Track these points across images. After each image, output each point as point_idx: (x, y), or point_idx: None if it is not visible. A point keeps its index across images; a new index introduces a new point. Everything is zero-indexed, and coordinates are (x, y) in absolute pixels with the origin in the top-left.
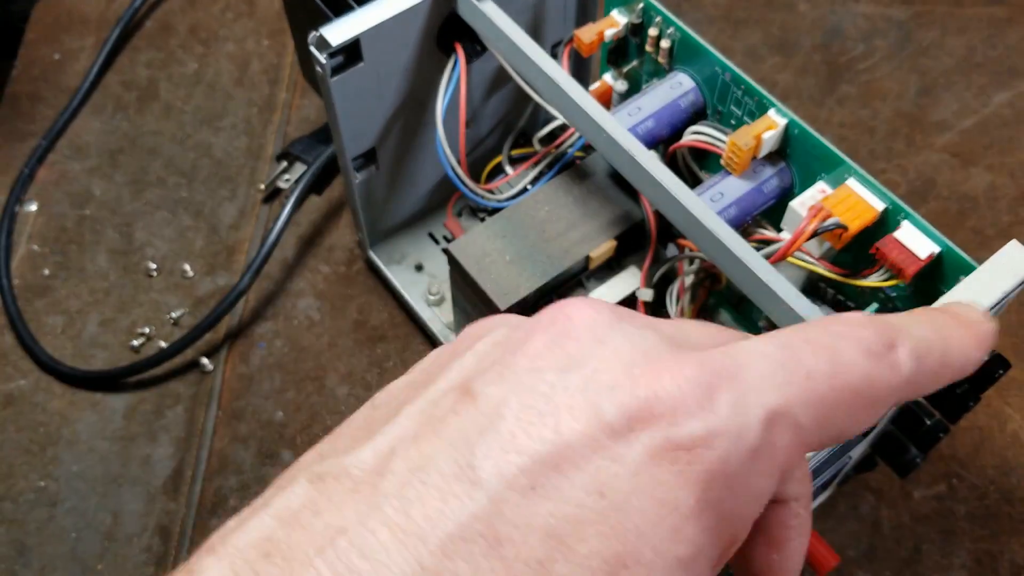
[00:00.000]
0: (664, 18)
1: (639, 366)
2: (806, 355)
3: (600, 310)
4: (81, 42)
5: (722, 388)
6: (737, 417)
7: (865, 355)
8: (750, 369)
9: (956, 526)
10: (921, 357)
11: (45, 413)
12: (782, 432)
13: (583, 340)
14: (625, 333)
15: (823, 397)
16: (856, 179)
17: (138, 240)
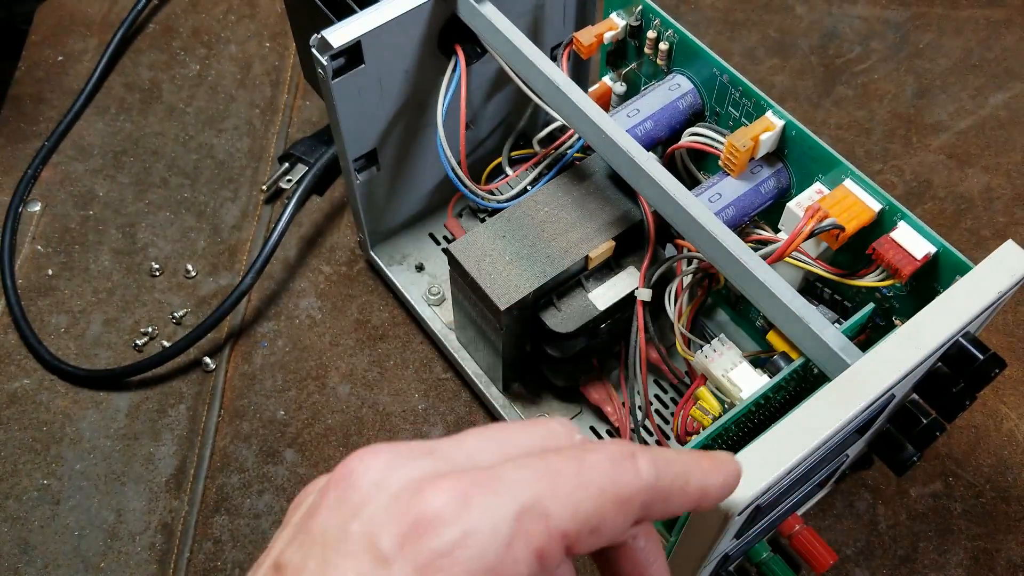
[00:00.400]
0: (663, 20)
1: (408, 493)
2: (556, 460)
3: (379, 455)
4: (84, 44)
5: (477, 494)
6: (490, 516)
7: (608, 459)
8: (504, 474)
9: (952, 524)
10: (660, 469)
11: (49, 412)
12: (533, 521)
13: (363, 488)
14: (400, 470)
15: (570, 492)
16: (853, 180)
17: (141, 240)
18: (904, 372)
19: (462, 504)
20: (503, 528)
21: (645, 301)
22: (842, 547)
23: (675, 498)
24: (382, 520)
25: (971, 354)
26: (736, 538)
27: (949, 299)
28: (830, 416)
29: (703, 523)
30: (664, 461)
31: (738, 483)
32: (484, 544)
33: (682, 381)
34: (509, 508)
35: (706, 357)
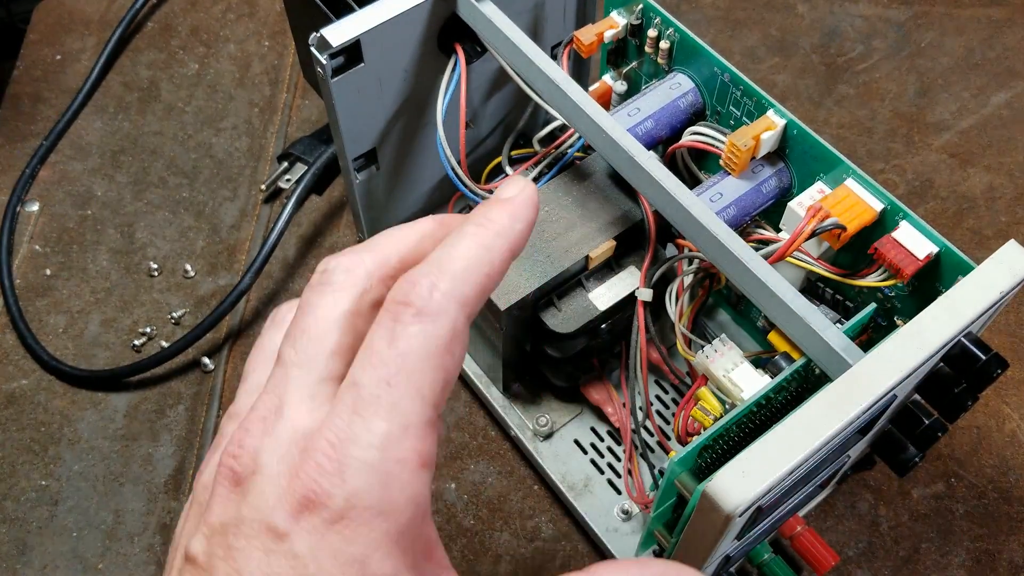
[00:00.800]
0: (663, 19)
1: (287, 474)
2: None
3: (250, 434)
4: (82, 43)
5: (348, 452)
6: (364, 467)
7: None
8: (357, 424)
9: (954, 525)
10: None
11: (47, 412)
12: (402, 438)
13: (245, 475)
14: (273, 450)
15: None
16: (854, 179)
17: (139, 240)
18: (906, 372)
19: (336, 470)
20: (375, 476)
21: (646, 301)
22: (844, 548)
23: (489, 279)
24: (271, 503)
25: (973, 354)
26: (737, 539)
27: (951, 299)
28: (832, 417)
29: (704, 524)
30: (453, 266)
31: (524, 195)
32: (368, 495)
33: (683, 381)
34: (371, 454)
35: (707, 357)
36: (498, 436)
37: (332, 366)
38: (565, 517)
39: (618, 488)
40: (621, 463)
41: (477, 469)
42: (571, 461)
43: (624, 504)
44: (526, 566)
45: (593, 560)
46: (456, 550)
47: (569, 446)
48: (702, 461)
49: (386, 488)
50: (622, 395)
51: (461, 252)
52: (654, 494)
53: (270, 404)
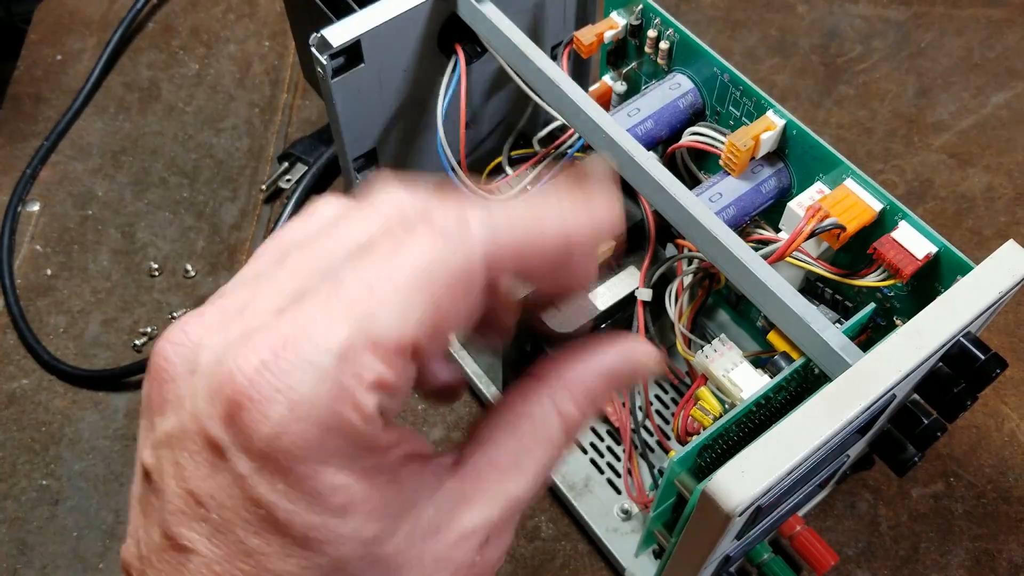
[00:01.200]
0: (663, 19)
1: (218, 373)
2: (368, 269)
3: (187, 330)
4: (83, 43)
5: (286, 356)
6: (308, 377)
7: (429, 239)
8: (313, 319)
9: (954, 524)
10: (499, 223)
11: (47, 412)
12: (358, 357)
13: (180, 378)
14: (207, 347)
15: (391, 302)
16: (854, 179)
17: (140, 240)
18: (905, 372)
19: (274, 375)
20: (325, 385)
21: (645, 301)
22: (843, 548)
23: (532, 248)
24: (205, 410)
25: (972, 354)
26: (737, 539)
27: (950, 299)
28: (831, 416)
29: (704, 524)
30: (504, 213)
31: (614, 217)
32: (310, 410)
33: (683, 381)
34: (325, 359)
35: (707, 357)
36: None
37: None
38: (565, 516)
39: (618, 488)
40: (621, 463)
41: None
42: (571, 460)
43: (624, 504)
44: (526, 565)
45: (593, 560)
46: None
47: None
48: (702, 461)
49: (333, 405)
50: (621, 395)
51: (510, 208)
52: (654, 494)
53: (223, 304)
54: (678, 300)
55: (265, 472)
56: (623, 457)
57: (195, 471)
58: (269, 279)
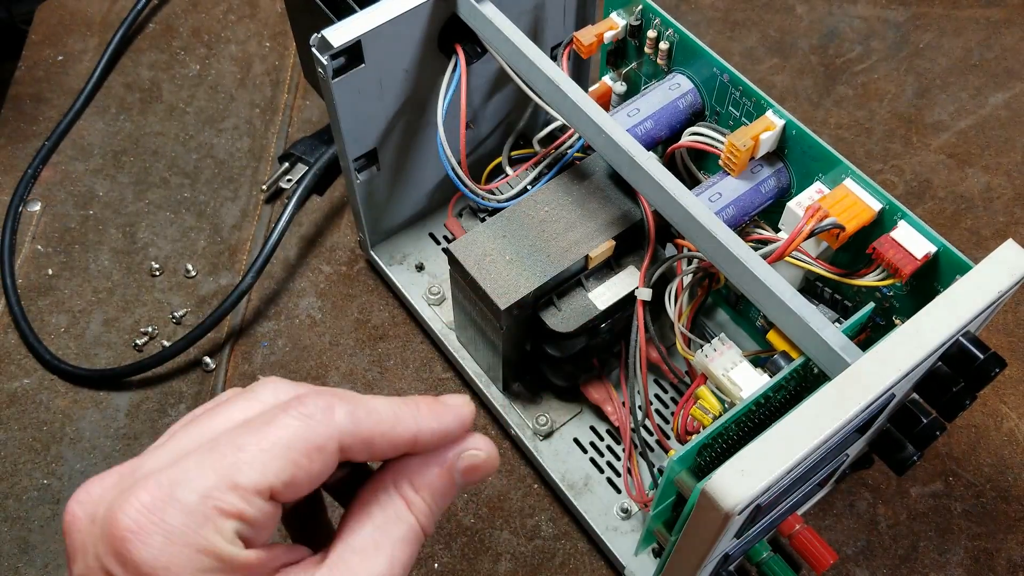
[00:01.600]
0: (663, 20)
1: (107, 521)
2: (242, 434)
3: (90, 489)
4: (84, 44)
5: (161, 498)
6: (178, 513)
7: (298, 417)
8: (187, 469)
9: (953, 523)
10: (359, 418)
11: (49, 411)
12: (222, 495)
13: (83, 528)
14: (103, 502)
15: (254, 458)
16: (853, 179)
17: (141, 240)
18: (904, 371)
19: (152, 513)
20: (193, 518)
21: (645, 301)
22: (842, 547)
23: (379, 441)
24: (102, 549)
25: (971, 353)
26: (736, 537)
27: (949, 299)
28: (830, 415)
29: (703, 522)
30: (366, 411)
31: (465, 427)
32: (182, 536)
33: (682, 380)
34: (192, 498)
35: (706, 356)
36: (498, 435)
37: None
38: (565, 516)
39: (618, 487)
40: (621, 462)
41: None
42: (571, 460)
43: (624, 503)
44: (526, 564)
45: (593, 559)
46: (456, 548)
47: (569, 445)
48: (701, 460)
49: (195, 535)
50: (621, 394)
51: (376, 404)
52: (653, 493)
53: (121, 468)
54: (678, 300)
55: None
56: (623, 456)
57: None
58: (161, 447)
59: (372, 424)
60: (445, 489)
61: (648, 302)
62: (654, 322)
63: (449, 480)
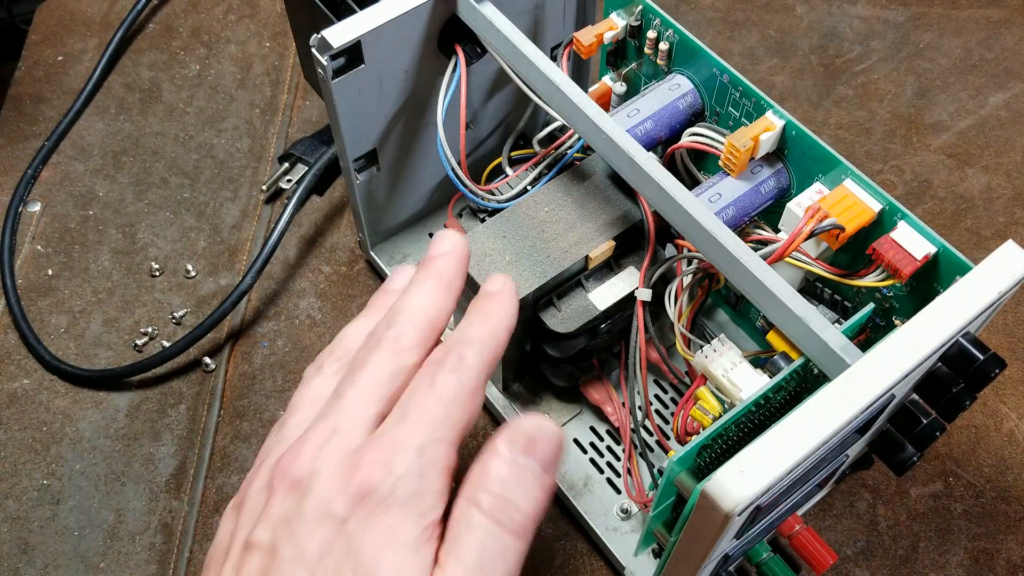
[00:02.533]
0: (662, 20)
1: (345, 472)
2: (419, 400)
3: (302, 451)
4: (84, 44)
5: (393, 454)
6: (405, 465)
7: (450, 373)
8: (401, 434)
9: (952, 524)
10: (477, 348)
11: (49, 412)
12: (432, 450)
13: (303, 477)
14: (325, 459)
15: (441, 418)
16: (853, 180)
17: (141, 240)
18: (904, 372)
19: (385, 466)
20: (414, 467)
21: (645, 301)
22: (842, 547)
23: (499, 350)
24: (329, 497)
25: (971, 354)
26: (736, 538)
27: (949, 299)
28: (830, 416)
29: (703, 523)
30: (474, 341)
31: (510, 295)
32: (409, 484)
33: (682, 381)
34: (412, 455)
35: (706, 357)
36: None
37: (379, 407)
38: (564, 516)
39: (617, 487)
40: (620, 462)
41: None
42: (570, 460)
43: (623, 503)
44: (525, 564)
45: (593, 559)
46: None
47: (568, 445)
48: (701, 460)
49: (421, 482)
50: (621, 395)
51: (477, 331)
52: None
53: (324, 429)
54: (677, 300)
55: (370, 527)
56: (623, 457)
57: (311, 536)
58: (340, 415)
59: (488, 348)
60: (513, 476)
61: (648, 302)
62: (654, 322)
63: (513, 464)
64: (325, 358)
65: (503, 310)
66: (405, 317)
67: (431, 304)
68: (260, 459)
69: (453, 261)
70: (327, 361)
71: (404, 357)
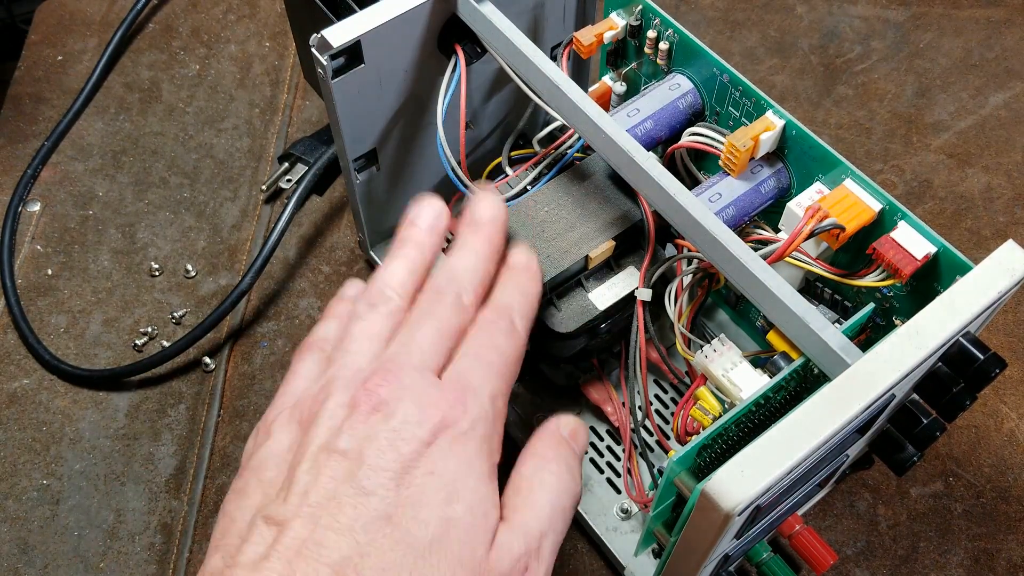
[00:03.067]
0: (662, 20)
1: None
2: (484, 352)
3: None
4: (84, 44)
5: (466, 399)
6: (479, 407)
7: (504, 333)
8: (470, 384)
9: (953, 524)
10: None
11: (48, 412)
12: (494, 390)
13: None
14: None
15: (504, 368)
16: (853, 180)
17: (141, 240)
18: (904, 372)
19: (465, 405)
20: (489, 412)
21: (645, 301)
22: (842, 547)
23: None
24: (416, 422)
25: (971, 354)
26: (736, 538)
27: (949, 299)
28: (830, 416)
29: (703, 523)
30: (517, 309)
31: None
32: (483, 426)
33: (682, 381)
34: (487, 401)
35: (706, 357)
36: None
37: (444, 356)
38: None
39: (617, 487)
40: (620, 462)
41: None
42: None
43: (623, 503)
44: None
45: (593, 559)
46: None
47: None
48: (701, 460)
49: (491, 425)
50: (621, 394)
51: (519, 302)
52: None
53: (404, 363)
54: (678, 300)
55: (451, 455)
56: (623, 457)
57: (400, 450)
58: (414, 331)
59: (528, 306)
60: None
61: (648, 302)
62: (654, 322)
63: (558, 440)
64: (374, 297)
65: (535, 286)
66: (468, 277)
67: (484, 270)
68: (289, 376)
69: (500, 228)
70: (368, 302)
71: (464, 315)
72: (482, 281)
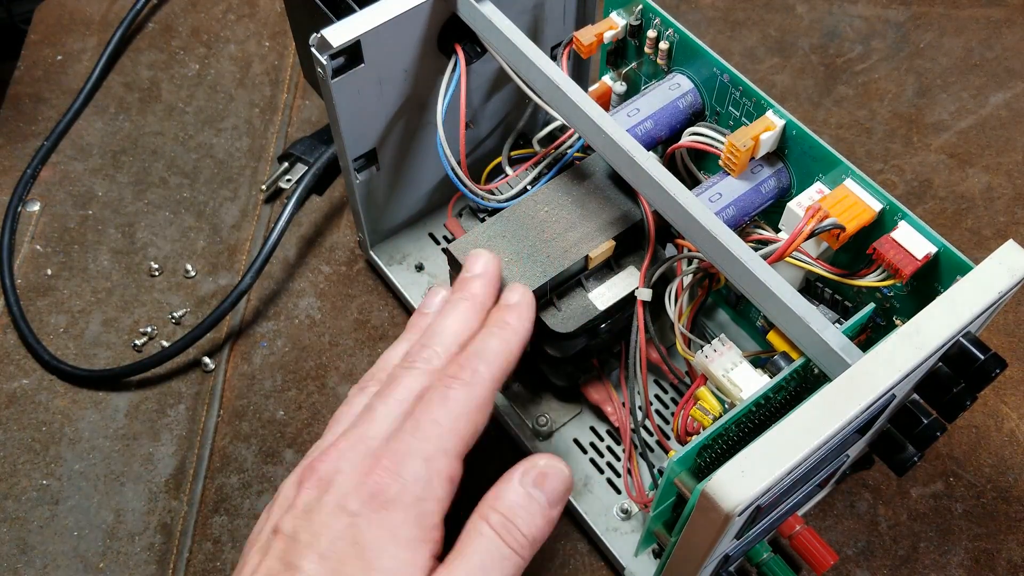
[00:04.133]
0: (663, 20)
1: (361, 473)
2: (432, 412)
3: (329, 455)
4: (83, 43)
5: (401, 463)
6: (413, 473)
7: (462, 387)
8: (412, 445)
9: (953, 524)
10: (490, 364)
11: (48, 412)
12: (438, 460)
13: (327, 475)
14: (346, 460)
15: (449, 430)
16: (853, 180)
17: (140, 240)
18: (905, 372)
19: (396, 471)
20: (422, 474)
21: (645, 301)
22: (843, 547)
23: (512, 363)
24: (348, 491)
25: (972, 354)
26: (737, 538)
27: (950, 299)
28: (831, 416)
29: (703, 523)
30: (487, 355)
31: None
32: (414, 489)
33: (682, 381)
34: (420, 463)
35: (706, 357)
36: (497, 435)
37: (399, 418)
38: (564, 516)
39: (618, 487)
40: (621, 462)
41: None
42: (571, 460)
43: (624, 503)
44: None
45: (593, 559)
46: None
47: (568, 445)
48: (701, 460)
49: (425, 488)
50: (621, 395)
51: (492, 346)
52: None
53: (352, 437)
54: (678, 300)
55: (375, 523)
56: (623, 457)
57: (326, 525)
58: (368, 425)
59: (504, 365)
60: (522, 502)
61: (648, 302)
62: (654, 322)
63: (523, 494)
64: (368, 380)
65: (520, 323)
66: (438, 339)
67: (464, 326)
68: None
69: (487, 282)
70: (369, 384)
71: (433, 376)
72: (462, 340)
